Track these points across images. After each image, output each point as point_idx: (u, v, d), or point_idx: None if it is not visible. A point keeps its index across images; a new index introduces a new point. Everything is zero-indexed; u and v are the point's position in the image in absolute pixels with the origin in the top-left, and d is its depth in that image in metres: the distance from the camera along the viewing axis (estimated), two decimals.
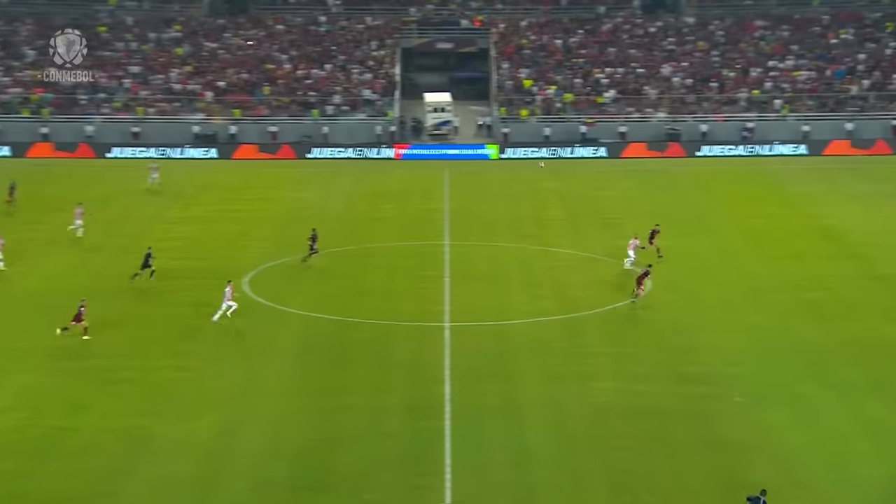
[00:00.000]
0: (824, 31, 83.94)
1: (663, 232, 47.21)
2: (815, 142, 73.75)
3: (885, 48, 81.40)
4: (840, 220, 53.48)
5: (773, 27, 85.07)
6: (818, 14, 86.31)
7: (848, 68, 79.75)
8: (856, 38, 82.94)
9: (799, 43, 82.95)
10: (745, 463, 27.63)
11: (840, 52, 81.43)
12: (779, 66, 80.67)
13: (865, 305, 39.85)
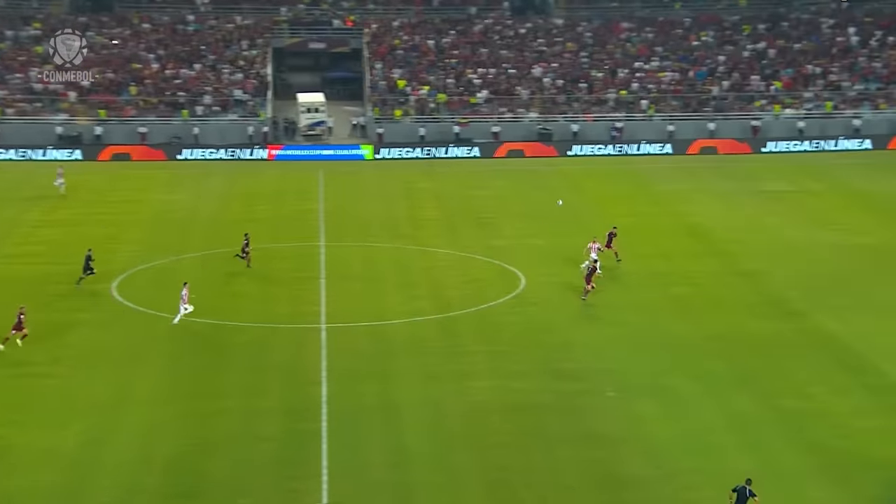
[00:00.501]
0: (686, 34, 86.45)
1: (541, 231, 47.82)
2: (679, 141, 75.83)
3: (743, 50, 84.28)
4: (705, 217, 55.07)
5: (639, 29, 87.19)
6: (680, 17, 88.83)
7: (709, 70, 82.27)
8: (716, 40, 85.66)
9: (663, 45, 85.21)
10: (616, 456, 28.18)
11: (701, 54, 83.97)
12: (644, 68, 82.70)
13: (730, 301, 41.09)
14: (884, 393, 31.64)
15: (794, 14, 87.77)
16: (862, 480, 26.12)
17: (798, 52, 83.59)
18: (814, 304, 40.00)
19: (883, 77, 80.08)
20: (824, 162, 70.33)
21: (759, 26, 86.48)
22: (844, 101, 78.30)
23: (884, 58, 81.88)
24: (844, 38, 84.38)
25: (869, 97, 78.67)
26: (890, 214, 54.45)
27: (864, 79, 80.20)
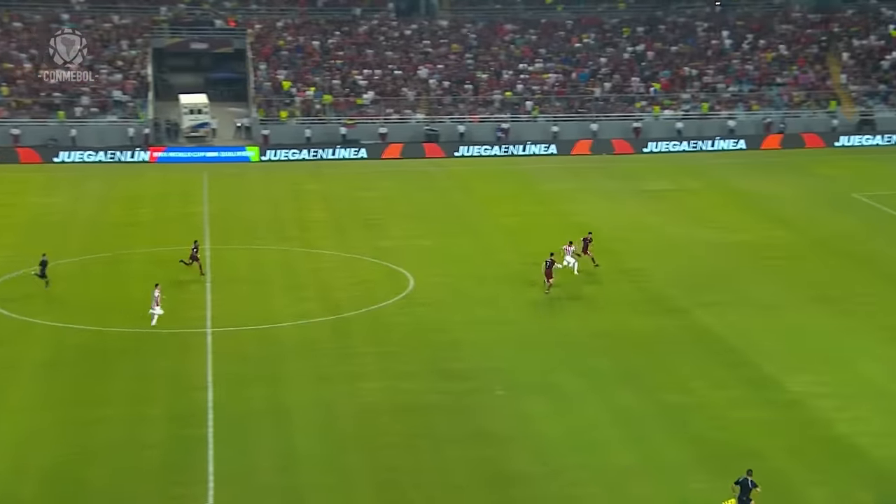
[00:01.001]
0: (568, 36, 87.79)
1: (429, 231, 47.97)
2: (563, 142, 76.98)
3: (624, 52, 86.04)
4: (589, 216, 55.97)
5: (522, 31, 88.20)
6: (562, 19, 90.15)
7: (591, 71, 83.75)
8: (597, 42, 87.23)
9: (546, 46, 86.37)
10: (505, 454, 28.46)
11: (583, 56, 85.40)
12: (529, 69, 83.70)
13: (615, 298, 41.87)
14: (759, 386, 32.67)
15: (670, 17, 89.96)
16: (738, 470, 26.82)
17: (675, 54, 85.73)
18: (694, 301, 41.05)
19: (755, 79, 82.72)
20: (702, 162, 72.27)
21: (638, 29, 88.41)
22: (720, 103, 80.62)
23: (755, 60, 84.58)
24: (718, 41, 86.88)
25: (742, 98, 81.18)
26: (764, 212, 56.26)
27: (738, 81, 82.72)
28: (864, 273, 43.53)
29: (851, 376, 33.04)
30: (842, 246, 48.49)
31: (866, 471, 26.79)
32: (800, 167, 68.79)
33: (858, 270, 43.68)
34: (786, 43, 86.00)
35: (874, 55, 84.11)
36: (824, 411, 30.50)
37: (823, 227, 52.45)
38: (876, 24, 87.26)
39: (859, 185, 61.97)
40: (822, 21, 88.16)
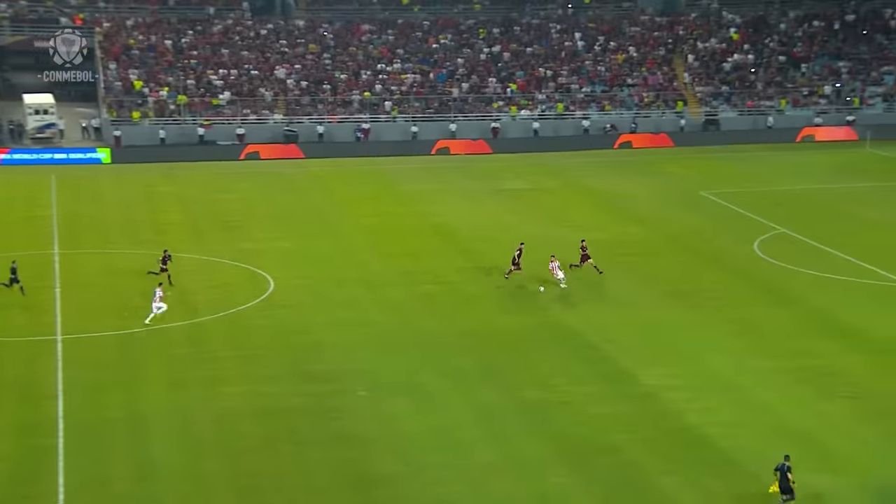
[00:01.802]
0: (426, 37, 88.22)
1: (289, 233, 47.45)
2: (423, 142, 77.28)
3: (480, 53, 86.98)
4: (450, 217, 56.38)
5: (380, 31, 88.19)
6: (419, 20, 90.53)
7: (448, 72, 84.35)
8: (454, 43, 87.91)
9: (404, 47, 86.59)
10: (368, 455, 28.38)
11: (441, 57, 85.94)
12: (387, 70, 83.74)
13: (476, 297, 42.23)
14: (616, 380, 33.45)
15: (525, 19, 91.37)
16: (596, 464, 27.55)
17: (530, 55, 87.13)
18: (553, 299, 41.73)
19: (607, 80, 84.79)
20: (557, 161, 73.63)
21: (494, 30, 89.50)
22: (574, 103, 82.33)
23: (607, 62, 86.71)
24: (571, 42, 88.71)
25: (595, 99, 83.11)
26: (618, 210, 57.68)
27: (591, 82, 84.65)
28: (713, 268, 45.10)
29: (701, 369, 34.16)
30: (692, 242, 50.13)
31: (715, 459, 27.76)
32: (650, 166, 70.84)
33: (707, 266, 45.24)
34: (635, 45, 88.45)
35: (717, 57, 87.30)
36: (676, 403, 31.44)
37: (674, 225, 54.11)
38: (718, 28, 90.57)
39: (706, 184, 64.20)
40: (668, 24, 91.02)
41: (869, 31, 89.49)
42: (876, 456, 27.68)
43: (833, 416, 30.29)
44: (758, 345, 36.14)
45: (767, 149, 77.02)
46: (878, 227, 52.64)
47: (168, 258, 42.69)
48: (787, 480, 25.03)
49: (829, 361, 34.46)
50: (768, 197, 60.00)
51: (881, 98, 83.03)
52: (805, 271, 44.42)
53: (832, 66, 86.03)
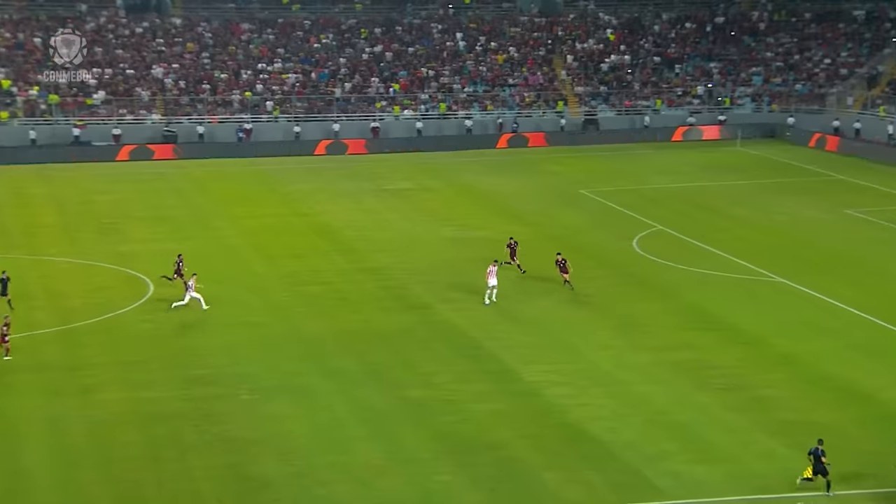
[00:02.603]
0: (307, 36, 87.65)
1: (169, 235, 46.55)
2: (305, 142, 76.76)
3: (362, 53, 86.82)
4: (332, 216, 56.18)
5: (259, 30, 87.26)
6: (300, 19, 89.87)
7: (331, 72, 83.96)
8: (336, 42, 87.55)
9: (284, 46, 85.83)
10: (251, 458, 28.07)
11: (323, 56, 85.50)
12: (268, 69, 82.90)
13: (359, 297, 42.15)
14: (499, 378, 33.78)
15: (406, 19, 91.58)
16: (481, 461, 27.80)
17: (412, 55, 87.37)
18: (437, 297, 41.96)
19: (488, 80, 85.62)
20: (441, 161, 74.03)
21: (376, 30, 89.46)
22: (456, 103, 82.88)
23: (488, 62, 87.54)
24: (453, 42, 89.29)
25: (478, 99, 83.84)
26: (501, 209, 58.28)
27: (473, 82, 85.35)
28: (594, 266, 45.92)
29: (583, 365, 34.77)
30: (573, 240, 50.98)
31: (596, 453, 28.29)
32: (532, 165, 71.81)
33: (588, 263, 46.05)
34: (515, 45, 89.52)
35: (595, 58, 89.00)
36: (559, 399, 31.94)
37: (556, 223, 54.95)
38: (595, 29, 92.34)
39: (586, 182, 65.41)
40: (547, 25, 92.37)
41: (737, 33, 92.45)
42: (746, 444, 28.63)
43: (708, 407, 31.20)
44: (637, 340, 36.98)
45: (645, 147, 78.91)
46: (749, 223, 54.44)
47: (181, 263, 41.48)
48: (821, 463, 25.87)
49: (704, 354, 35.48)
50: (644, 195, 61.48)
51: (750, 98, 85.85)
52: (681, 267, 45.64)
53: (704, 66, 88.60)
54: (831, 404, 31.18)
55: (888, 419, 30.04)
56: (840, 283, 42.72)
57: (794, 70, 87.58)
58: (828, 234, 51.60)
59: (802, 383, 32.86)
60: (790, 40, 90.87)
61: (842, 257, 47.41)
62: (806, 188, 63.05)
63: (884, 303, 40.24)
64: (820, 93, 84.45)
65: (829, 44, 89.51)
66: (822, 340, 36.61)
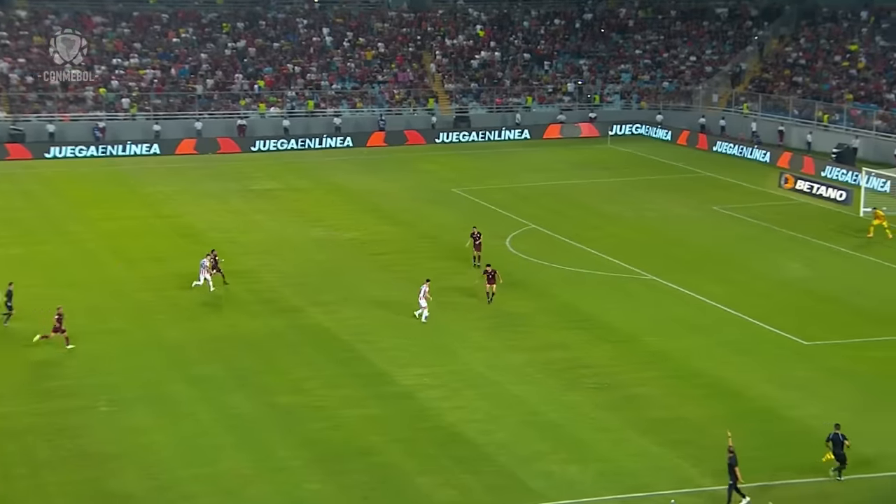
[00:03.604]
0: (165, 30, 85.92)
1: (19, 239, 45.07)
2: (166, 141, 75.29)
3: (225, 48, 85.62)
4: (197, 219, 55.29)
5: (113, 24, 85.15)
6: (157, 12, 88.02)
7: (191, 67, 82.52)
8: (196, 37, 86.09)
9: (141, 41, 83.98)
10: (109, 473, 27.44)
11: (182, 52, 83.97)
12: (124, 65, 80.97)
13: (225, 301, 41.60)
14: (372, 382, 33.81)
15: (270, 13, 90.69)
16: (352, 468, 27.78)
17: (277, 51, 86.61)
18: (307, 300, 41.72)
19: (357, 77, 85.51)
20: (310, 160, 73.62)
21: (238, 24, 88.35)
22: (324, 100, 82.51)
23: (356, 58, 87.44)
24: (320, 38, 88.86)
25: (346, 96, 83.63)
26: (372, 209, 58.25)
27: (341, 78, 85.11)
28: (467, 266, 46.30)
29: (457, 367, 35.06)
30: (446, 240, 51.34)
31: (470, 456, 28.57)
32: (403, 164, 72.05)
33: (461, 264, 46.42)
34: (384, 41, 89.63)
35: (465, 54, 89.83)
36: (432, 402, 32.14)
37: (428, 222, 55.25)
38: (464, 25, 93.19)
39: (458, 181, 65.97)
40: (416, 20, 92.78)
41: (606, 30, 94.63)
42: (618, 443, 29.35)
43: (580, 406, 31.85)
44: (511, 340, 37.48)
45: (516, 145, 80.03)
46: (620, 221, 55.78)
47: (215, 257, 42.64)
48: (841, 448, 26.71)
49: (577, 353, 36.21)
50: (516, 193, 62.37)
51: (619, 95, 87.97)
52: (554, 266, 46.46)
53: (574, 63, 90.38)
54: (701, 401, 32.21)
55: (756, 415, 31.21)
56: (709, 280, 44.16)
57: (661, 67, 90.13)
58: (697, 232, 53.28)
59: (673, 380, 33.87)
60: (657, 38, 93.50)
61: (711, 254, 49.02)
62: (675, 185, 64.97)
63: (751, 299, 41.77)
64: (687, 90, 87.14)
65: (695, 41, 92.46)
66: (692, 337, 37.78)
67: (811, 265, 47.14)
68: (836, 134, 73.24)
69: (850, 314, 40.25)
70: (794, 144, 75.39)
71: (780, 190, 63.00)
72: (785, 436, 29.77)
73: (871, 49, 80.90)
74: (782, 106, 79.39)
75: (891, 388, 32.98)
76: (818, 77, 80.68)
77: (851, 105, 75.24)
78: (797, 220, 55.10)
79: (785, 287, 43.81)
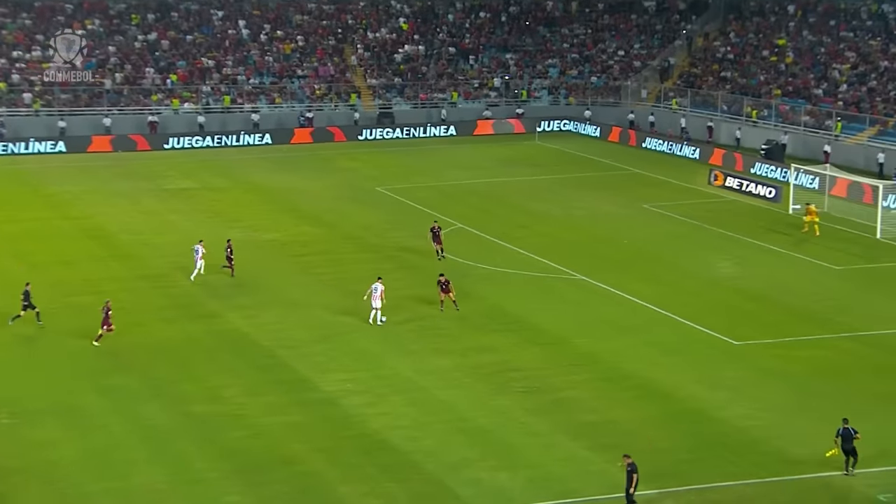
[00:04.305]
0: (69, 21, 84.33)
1: None
2: (72, 138, 74.03)
3: (134, 41, 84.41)
4: (107, 220, 54.51)
5: (13, 14, 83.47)
6: (61, 3, 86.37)
7: (99, 61, 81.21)
8: (103, 29, 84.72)
9: (44, 33, 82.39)
10: (12, 488, 26.89)
11: (89, 45, 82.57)
12: (25, 58, 79.43)
13: (139, 307, 41.00)
14: (293, 388, 33.63)
15: (183, 4, 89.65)
16: (273, 479, 27.60)
17: (191, 44, 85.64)
18: (224, 304, 41.35)
19: (276, 71, 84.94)
20: (226, 158, 72.97)
21: (149, 16, 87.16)
22: (241, 96, 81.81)
23: (274, 52, 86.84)
24: (236, 30, 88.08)
25: (265, 91, 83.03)
26: (293, 209, 57.98)
27: (259, 73, 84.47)
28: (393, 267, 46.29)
29: (382, 372, 35.01)
30: (370, 240, 51.27)
31: (396, 463, 28.56)
32: (325, 161, 71.80)
33: (385, 264, 46.39)
34: (303, 34, 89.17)
35: (388, 48, 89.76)
36: (357, 408, 32.07)
37: (351, 222, 55.11)
38: (387, 17, 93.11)
39: (382, 179, 65.92)
40: (336, 12, 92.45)
41: (532, 23, 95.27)
42: (548, 448, 29.57)
43: (510, 410, 32.03)
44: (438, 343, 37.55)
45: (442, 142, 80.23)
46: (549, 219, 56.23)
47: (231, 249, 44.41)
48: (850, 443, 27.10)
49: (505, 356, 36.40)
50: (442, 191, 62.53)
51: (547, 91, 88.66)
52: (482, 266, 46.66)
53: (500, 58, 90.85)
54: (631, 403, 32.61)
55: (686, 417, 31.70)
56: (639, 280, 44.73)
57: (589, 62, 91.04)
58: (626, 230, 53.91)
59: (603, 383, 34.23)
60: (584, 32, 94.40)
61: (640, 253, 49.65)
62: (604, 183, 65.69)
63: (682, 299, 42.41)
64: (615, 85, 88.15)
65: (623, 35, 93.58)
66: (622, 338, 38.23)
67: (741, 263, 48.02)
68: (766, 130, 74.73)
69: (779, 313, 41.07)
70: (724, 140, 76.76)
71: (709, 187, 64.06)
72: (715, 437, 30.27)
73: (799, 43, 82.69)
74: (711, 101, 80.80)
75: (820, 388, 33.71)
76: (746, 72, 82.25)
77: (780, 101, 76.85)
78: (727, 218, 56.09)
79: (715, 286, 44.57)
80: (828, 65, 78.28)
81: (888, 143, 66.96)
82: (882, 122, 69.25)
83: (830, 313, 40.90)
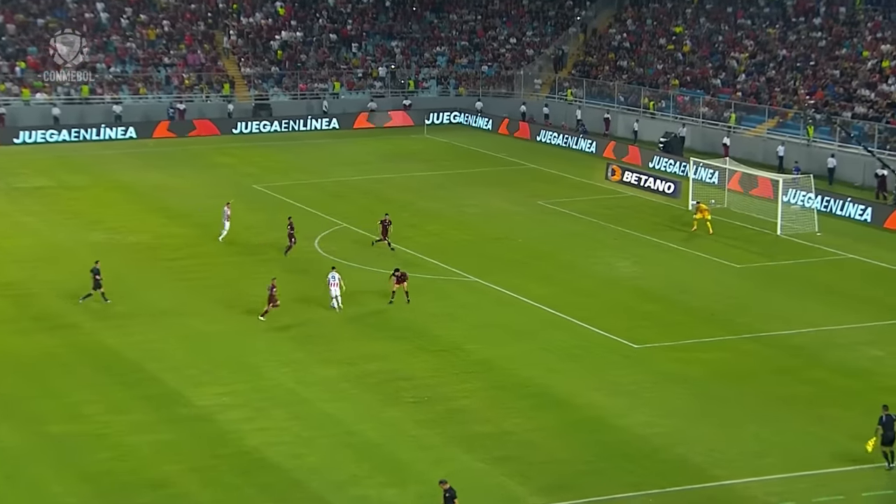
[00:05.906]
0: None
1: None
2: None
3: None
4: None
5: None
6: None
7: None
8: None
9: None
10: None
11: None
12: None
13: None
14: (162, 404, 33.08)
15: None
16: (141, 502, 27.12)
17: (43, 28, 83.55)
18: (85, 315, 40.53)
19: (140, 59, 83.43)
20: (86, 153, 71.53)
21: None
22: (102, 85, 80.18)
23: (137, 38, 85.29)
24: (93, 14, 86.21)
25: (128, 81, 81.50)
26: (161, 209, 57.09)
27: (121, 61, 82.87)
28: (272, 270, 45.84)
29: (261, 384, 34.67)
30: (246, 242, 50.73)
31: (278, 482, 28.31)
32: (196, 157, 70.90)
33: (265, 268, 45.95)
34: (169, 19, 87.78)
35: (263, 34, 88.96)
36: (234, 424, 31.69)
37: None
38: (262, 1, 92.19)
39: (260, 176, 65.34)
40: None
41: (418, 9, 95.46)
42: (440, 462, 29.61)
43: (400, 423, 32.01)
44: (322, 352, 37.35)
45: (324, 136, 79.92)
46: (438, 217, 56.44)
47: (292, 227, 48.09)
48: (892, 430, 27.31)
49: (394, 365, 36.37)
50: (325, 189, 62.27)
51: (435, 81, 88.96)
52: (368, 268, 46.55)
53: (385, 45, 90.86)
54: (527, 413, 32.87)
55: (585, 425, 32.09)
56: (534, 281, 45.18)
57: (479, 50, 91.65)
58: (521, 228, 54.39)
59: (497, 391, 34.44)
60: (474, 18, 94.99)
61: (536, 253, 50.14)
62: (497, 178, 66.19)
63: (579, 300, 42.95)
64: (507, 75, 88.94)
65: (514, 21, 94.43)
66: (517, 344, 38.53)
67: (639, 262, 48.85)
68: (664, 122, 76.24)
69: (678, 313, 41.89)
70: (621, 133, 78.11)
71: (607, 182, 65.05)
72: (615, 446, 30.70)
73: (696, 31, 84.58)
74: (608, 92, 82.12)
75: (721, 392, 34.47)
76: (643, 61, 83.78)
77: (678, 91, 78.47)
78: (625, 215, 57.03)
79: (613, 286, 45.25)
80: (726, 53, 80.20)
81: (788, 136, 68.88)
82: (781, 115, 71.21)
83: (731, 314, 41.87)
